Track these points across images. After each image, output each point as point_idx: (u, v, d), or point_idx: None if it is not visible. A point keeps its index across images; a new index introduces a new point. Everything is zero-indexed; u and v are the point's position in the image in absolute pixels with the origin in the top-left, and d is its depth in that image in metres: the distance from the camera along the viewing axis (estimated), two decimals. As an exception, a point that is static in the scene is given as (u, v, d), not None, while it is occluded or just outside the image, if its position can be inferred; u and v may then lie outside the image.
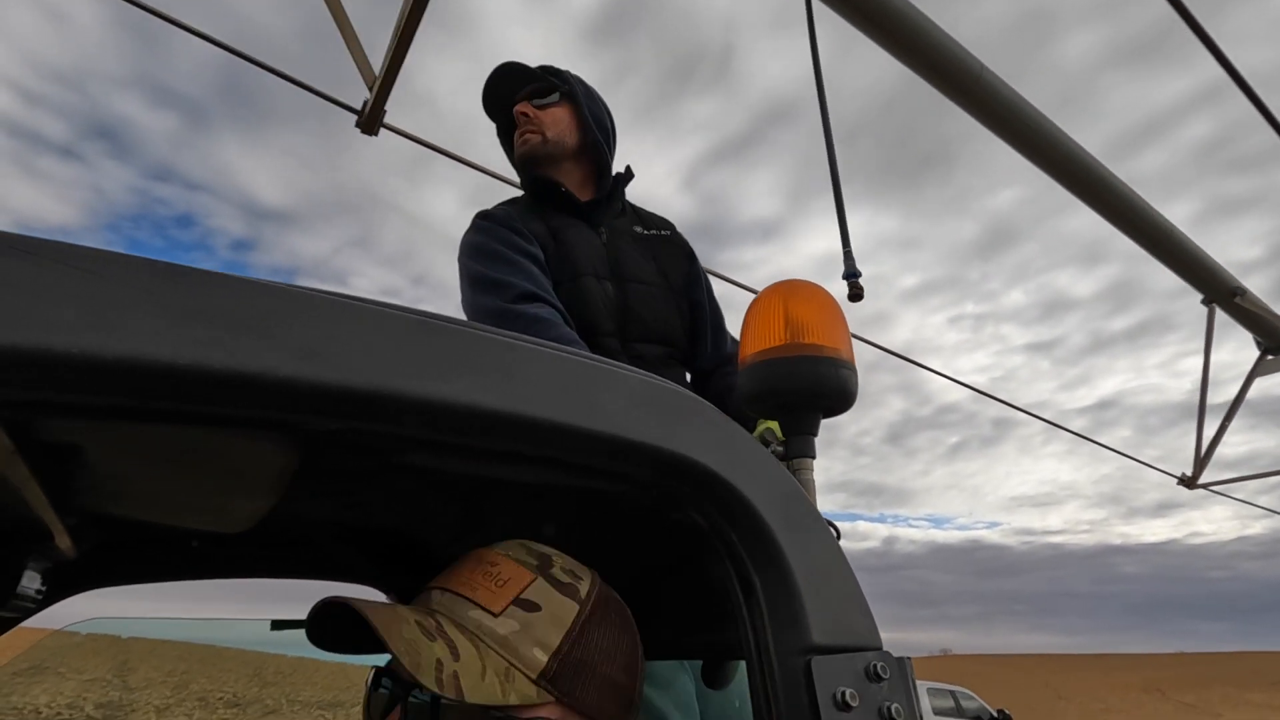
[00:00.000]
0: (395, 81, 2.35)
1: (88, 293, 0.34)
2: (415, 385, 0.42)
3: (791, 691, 0.51)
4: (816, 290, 0.75)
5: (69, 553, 0.75)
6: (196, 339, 0.35)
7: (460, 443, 0.46)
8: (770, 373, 0.73)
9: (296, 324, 0.39)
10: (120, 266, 0.35)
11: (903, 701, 0.54)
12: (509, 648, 0.52)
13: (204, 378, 0.36)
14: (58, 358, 0.32)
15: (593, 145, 1.51)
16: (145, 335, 0.34)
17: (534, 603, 0.55)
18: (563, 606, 0.56)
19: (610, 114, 1.60)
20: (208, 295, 0.37)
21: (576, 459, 0.51)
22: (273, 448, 0.60)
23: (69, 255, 0.34)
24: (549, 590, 0.56)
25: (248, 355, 0.37)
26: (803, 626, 0.53)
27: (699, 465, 0.54)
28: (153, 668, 10.15)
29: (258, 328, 0.37)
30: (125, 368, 0.34)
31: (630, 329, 1.42)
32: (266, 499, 0.71)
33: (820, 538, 0.58)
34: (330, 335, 0.40)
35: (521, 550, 0.60)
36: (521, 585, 0.56)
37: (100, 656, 9.80)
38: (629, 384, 0.53)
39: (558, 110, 1.50)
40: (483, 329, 0.48)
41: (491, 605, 0.54)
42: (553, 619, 0.55)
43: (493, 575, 0.57)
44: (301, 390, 0.38)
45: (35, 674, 8.80)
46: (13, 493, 0.59)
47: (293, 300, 0.40)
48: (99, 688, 9.34)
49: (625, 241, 1.52)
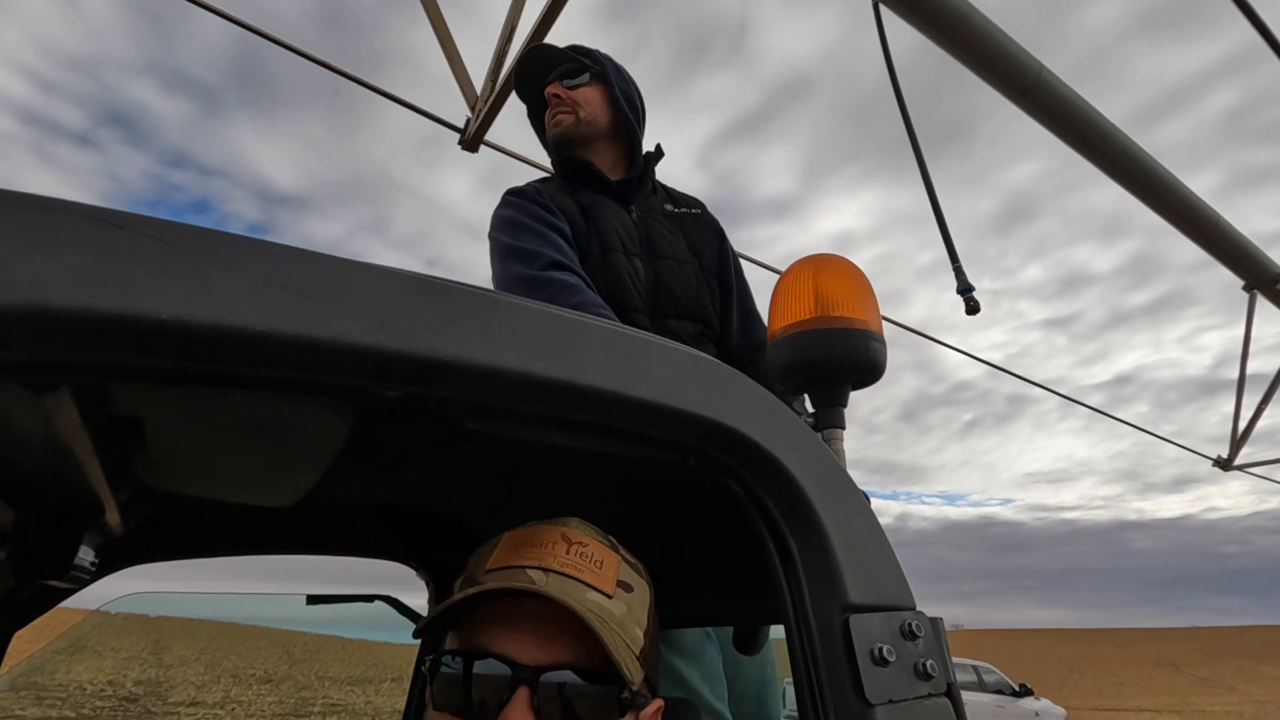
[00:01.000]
0: (493, 103, 2.55)
1: (175, 263, 0.36)
2: (477, 354, 0.44)
3: (830, 648, 0.53)
4: (845, 264, 0.76)
5: (118, 528, 0.78)
6: (277, 308, 0.37)
7: (518, 409, 0.48)
8: (801, 345, 0.74)
9: (368, 296, 0.41)
10: (204, 240, 0.37)
11: (937, 658, 0.56)
12: (624, 628, 0.54)
13: (283, 344, 0.38)
14: (153, 324, 0.34)
15: (624, 125, 1.51)
16: (230, 303, 0.36)
17: (629, 584, 0.57)
18: (642, 586, 0.59)
19: (640, 92, 1.59)
20: (286, 267, 0.39)
21: (625, 426, 0.53)
22: (326, 419, 0.62)
23: (157, 229, 0.36)
24: (630, 570, 0.59)
25: (324, 323, 0.39)
26: (840, 587, 0.55)
27: (740, 434, 0.56)
28: (185, 646, 10.36)
29: (333, 298, 0.39)
30: (211, 334, 0.36)
31: (662, 305, 1.43)
32: (315, 472, 0.73)
33: (854, 503, 0.60)
34: (398, 307, 0.42)
35: (589, 529, 0.61)
36: (615, 566, 0.57)
37: (134, 635, 10.03)
38: (673, 355, 0.55)
39: (589, 90, 1.51)
40: (539, 305, 0.49)
41: (604, 587, 0.55)
42: (642, 599, 0.58)
43: (588, 556, 0.57)
44: (372, 357, 0.40)
45: (75, 652, 9.01)
46: (74, 466, 0.61)
47: (363, 274, 0.42)
48: (137, 665, 9.54)
49: (656, 219, 1.52)
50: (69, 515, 0.74)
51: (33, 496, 0.73)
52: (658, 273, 1.44)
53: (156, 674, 9.48)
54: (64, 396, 0.48)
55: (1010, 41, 2.50)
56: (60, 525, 0.74)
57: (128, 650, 9.89)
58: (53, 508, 0.73)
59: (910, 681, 0.54)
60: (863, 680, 0.51)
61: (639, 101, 1.57)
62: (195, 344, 0.36)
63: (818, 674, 0.52)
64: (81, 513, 0.74)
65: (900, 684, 0.53)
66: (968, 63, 2.50)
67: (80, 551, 0.74)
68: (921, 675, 0.54)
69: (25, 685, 7.85)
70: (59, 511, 0.73)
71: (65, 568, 0.73)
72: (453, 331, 0.44)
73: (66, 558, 0.73)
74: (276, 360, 0.38)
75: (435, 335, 0.43)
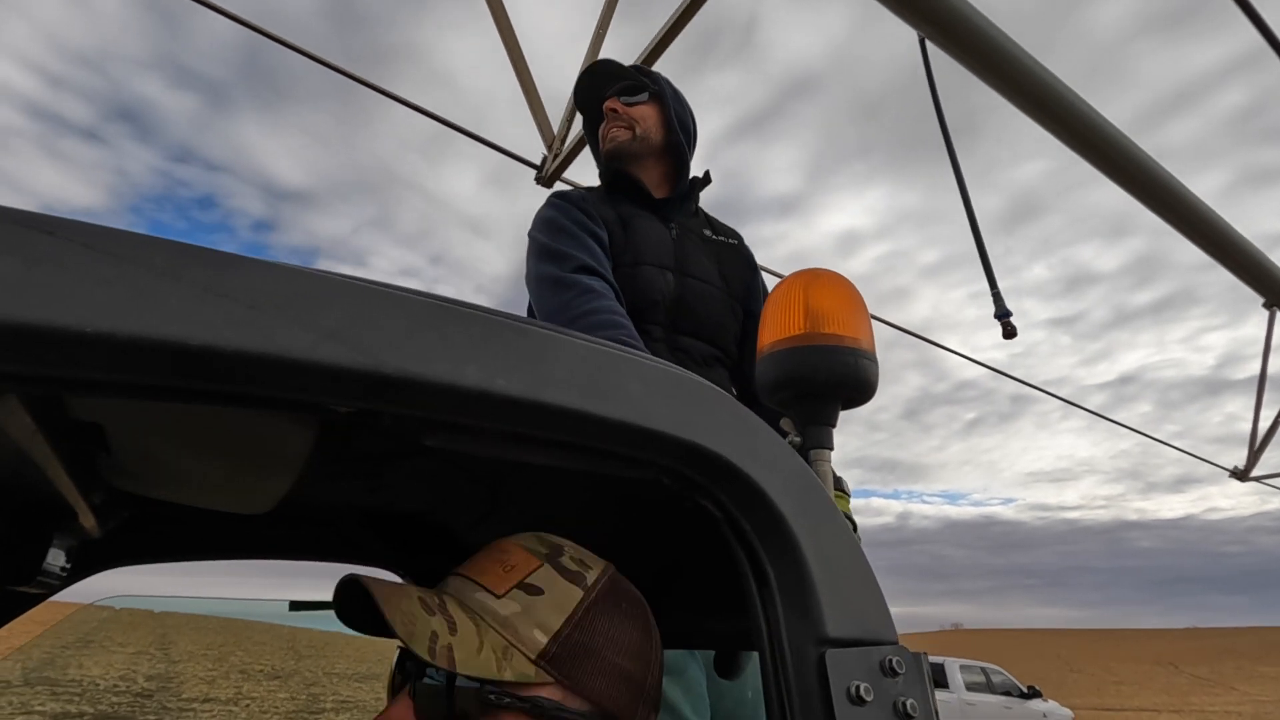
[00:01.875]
0: (572, 143, 2.76)
1: (114, 274, 0.34)
2: (433, 369, 0.42)
3: (805, 684, 0.51)
4: (837, 279, 0.74)
5: (93, 531, 0.77)
6: (222, 319, 0.36)
7: (477, 425, 0.46)
8: (789, 362, 0.72)
9: (320, 306, 0.39)
10: (139, 247, 0.35)
11: (918, 697, 0.54)
12: (509, 628, 0.53)
13: (230, 358, 0.36)
14: (87, 337, 0.33)
15: (675, 145, 1.56)
16: (165, 314, 0.34)
17: (538, 587, 0.56)
18: (566, 592, 0.57)
19: (694, 117, 1.64)
20: (233, 277, 0.37)
21: (592, 444, 0.51)
22: (292, 429, 0.60)
23: (94, 236, 0.34)
24: (554, 576, 0.57)
25: (272, 336, 0.37)
26: (817, 619, 0.52)
27: (714, 454, 0.53)
28: (191, 641, 10.44)
29: (282, 309, 0.38)
30: (153, 347, 0.34)
31: (681, 322, 1.45)
32: (286, 480, 0.72)
33: (836, 530, 0.57)
34: (352, 318, 0.40)
35: (535, 540, 0.62)
36: (527, 570, 0.57)
37: (140, 630, 10.11)
38: (647, 372, 0.53)
39: (645, 108, 1.55)
40: (500, 315, 0.47)
41: (496, 588, 0.56)
42: (555, 603, 0.56)
43: (502, 561, 0.59)
44: (323, 371, 0.39)
45: (82, 646, 9.07)
46: (36, 471, 0.60)
47: (316, 283, 0.40)
48: (145, 661, 9.61)
49: (692, 240, 1.55)
50: (37, 519, 0.73)
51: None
52: (683, 289, 1.47)
53: (166, 669, 9.55)
54: (12, 403, 0.46)
55: (1058, 81, 2.53)
56: (27, 529, 0.72)
57: (135, 645, 9.97)
58: (18, 512, 0.72)
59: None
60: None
61: (692, 126, 1.62)
62: (129, 357, 0.34)
63: (791, 711, 0.50)
64: (50, 516, 0.73)
65: (877, 724, 0.51)
66: (1015, 100, 2.53)
67: (49, 556, 0.73)
68: (901, 715, 0.52)
69: (39, 680, 7.92)
70: (25, 516, 0.72)
71: (32, 573, 0.71)
72: (408, 345, 0.42)
73: (34, 563, 0.72)
74: (217, 374, 0.37)
75: (389, 348, 0.41)
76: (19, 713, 6.84)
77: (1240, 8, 2.29)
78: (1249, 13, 2.33)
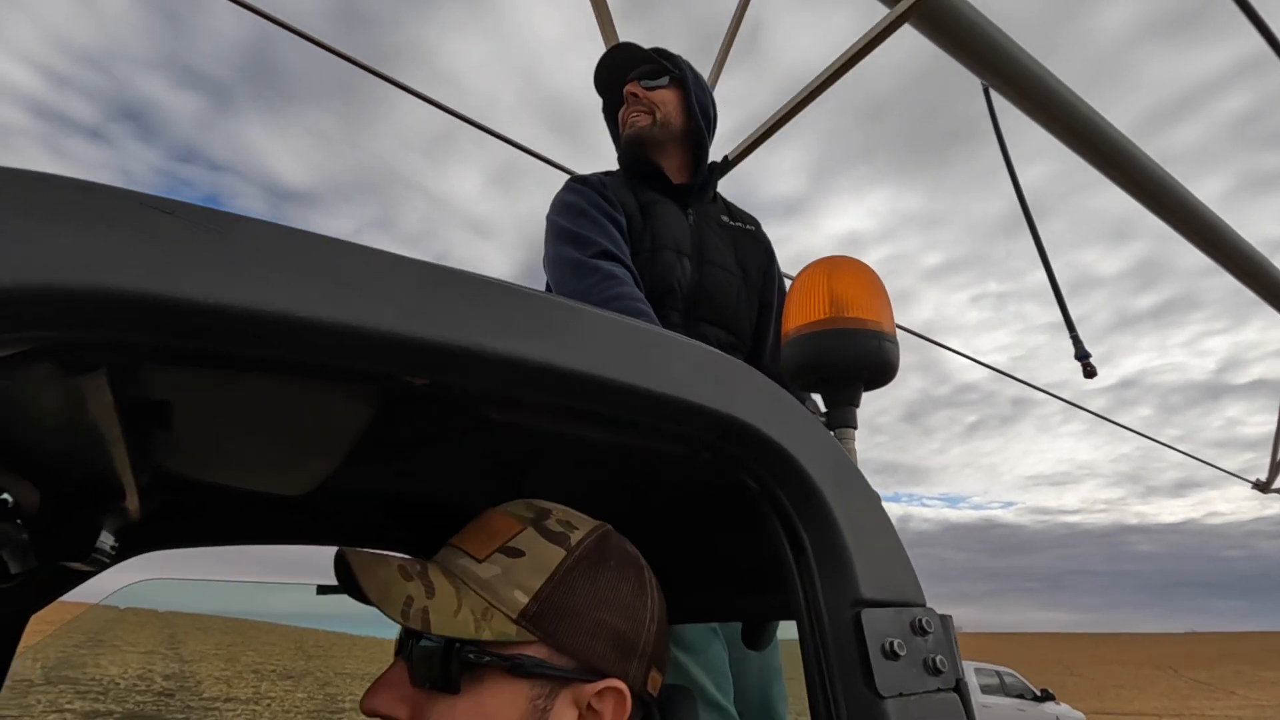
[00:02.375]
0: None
1: (220, 250, 0.37)
2: (501, 344, 0.45)
3: (842, 642, 0.54)
4: (859, 265, 0.77)
5: (136, 513, 0.80)
6: (316, 295, 0.39)
7: (536, 400, 0.49)
8: (814, 346, 0.75)
9: (399, 286, 0.42)
10: (246, 228, 0.38)
11: (946, 654, 0.57)
12: (489, 589, 0.55)
13: (320, 329, 0.39)
14: (194, 308, 0.36)
15: (694, 131, 1.54)
16: (271, 289, 0.37)
17: (519, 549, 0.58)
18: (547, 552, 0.58)
19: (714, 102, 1.62)
20: (320, 256, 0.40)
21: (643, 419, 0.54)
22: (348, 406, 0.63)
23: (203, 216, 0.37)
24: (536, 538, 0.59)
25: (359, 311, 0.40)
26: (852, 582, 0.56)
27: (752, 429, 0.57)
28: (200, 641, 10.36)
29: (367, 287, 0.41)
30: (253, 319, 0.37)
31: (699, 308, 1.46)
32: (330, 460, 0.75)
33: (867, 499, 0.61)
34: (428, 296, 0.43)
35: (521, 506, 0.63)
36: (510, 534, 0.59)
37: (147, 629, 10.04)
38: (689, 350, 0.56)
39: (666, 93, 1.53)
40: (558, 298, 0.51)
41: (477, 552, 0.58)
42: (535, 563, 0.57)
43: (485, 528, 0.61)
44: (402, 344, 0.42)
45: (94, 645, 8.96)
46: (99, 449, 0.63)
47: (396, 263, 0.43)
48: (160, 660, 9.53)
49: (711, 227, 1.55)
50: (91, 498, 0.75)
51: (57, 478, 0.74)
52: (702, 276, 1.47)
53: (180, 669, 9.47)
54: (100, 379, 0.49)
55: (1062, 85, 2.60)
56: (82, 508, 0.75)
57: (146, 644, 9.89)
58: (76, 490, 0.75)
59: (920, 676, 0.55)
60: (874, 673, 0.52)
61: (713, 111, 1.60)
62: (232, 329, 0.37)
63: (829, 666, 0.53)
64: (103, 496, 0.75)
65: (910, 678, 0.54)
66: (1063, 138, 2.67)
67: (100, 535, 0.76)
68: (931, 670, 0.55)
69: (59, 679, 7.86)
70: (82, 494, 0.75)
71: (86, 550, 0.74)
72: (478, 321, 0.45)
73: (88, 540, 0.74)
74: (310, 346, 0.40)
75: (460, 324, 0.44)
76: (50, 711, 6.82)
77: (1242, 9, 2.34)
78: (1251, 16, 2.37)
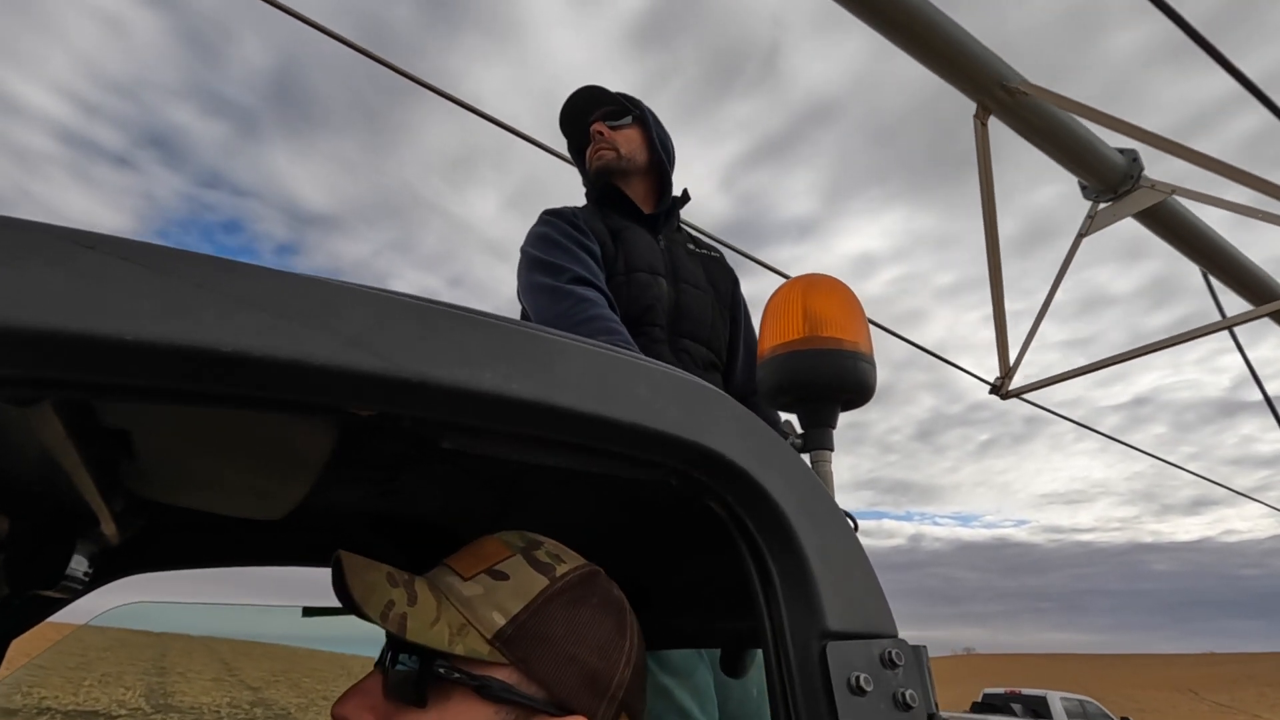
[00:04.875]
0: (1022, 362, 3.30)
1: (151, 285, 0.36)
2: (450, 373, 0.44)
3: (807, 676, 0.52)
4: (835, 284, 0.76)
5: (114, 537, 0.79)
6: (247, 326, 0.38)
7: (492, 428, 0.48)
8: (789, 365, 0.74)
9: (340, 315, 0.42)
10: (173, 260, 0.38)
11: (918, 688, 0.55)
12: (470, 607, 0.55)
13: (259, 364, 0.38)
14: (127, 344, 0.35)
15: (658, 164, 1.67)
16: (199, 323, 0.37)
17: (504, 573, 0.58)
18: (531, 580, 0.58)
19: (671, 142, 1.75)
20: (262, 287, 0.39)
21: (602, 446, 0.53)
22: (311, 434, 0.63)
23: (127, 249, 0.36)
24: (522, 565, 0.59)
25: (295, 342, 0.39)
26: (818, 613, 0.54)
27: (718, 455, 0.55)
28: (244, 667, 10.14)
29: (304, 317, 0.40)
30: (180, 353, 0.36)
31: (680, 325, 1.52)
32: (303, 485, 0.74)
33: (837, 528, 0.59)
34: (373, 325, 0.42)
35: (515, 536, 0.64)
36: (498, 559, 0.60)
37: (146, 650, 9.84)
38: (652, 375, 0.55)
39: (630, 131, 1.66)
40: (515, 323, 0.50)
41: (464, 571, 0.58)
42: (517, 589, 0.57)
43: (477, 551, 0.61)
44: (347, 376, 0.41)
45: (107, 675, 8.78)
46: (63, 477, 0.62)
47: (338, 293, 0.42)
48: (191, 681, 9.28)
49: (680, 251, 1.65)
50: (62, 525, 0.75)
51: (26, 505, 0.74)
52: (679, 294, 1.55)
53: (238, 696, 9.20)
54: (46, 411, 0.48)
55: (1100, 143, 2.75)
56: (53, 535, 0.74)
57: (201, 671, 9.64)
58: (46, 517, 0.74)
59: (888, 711, 0.53)
60: (838, 710, 0.51)
61: (671, 148, 1.73)
62: (164, 364, 0.37)
63: (794, 702, 0.52)
64: (74, 523, 0.75)
65: (878, 714, 0.52)
66: (1063, 161, 2.78)
67: (73, 561, 0.75)
68: (900, 705, 0.53)
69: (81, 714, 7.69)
70: (52, 521, 0.74)
71: (56, 578, 0.73)
72: (427, 350, 0.44)
73: (58, 567, 0.74)
74: (246, 379, 0.39)
75: (409, 354, 0.43)
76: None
77: (1210, 55, 2.33)
78: (1219, 59, 2.37)
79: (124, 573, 1.03)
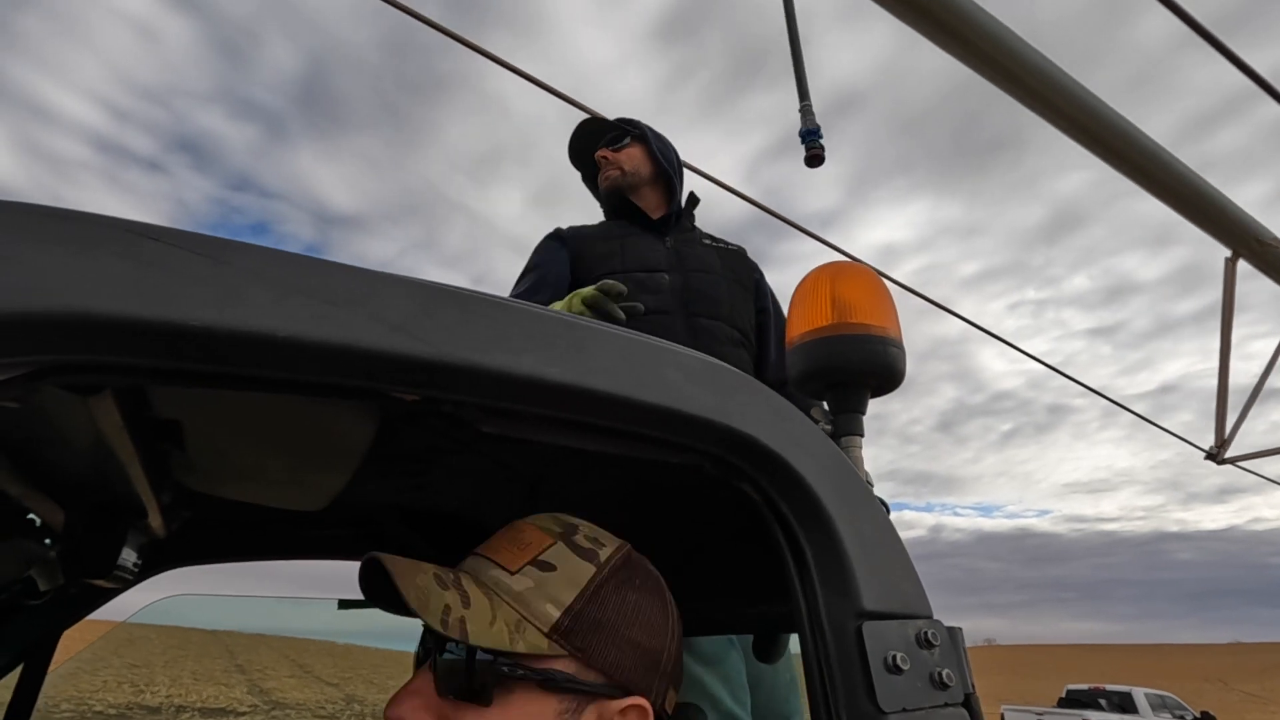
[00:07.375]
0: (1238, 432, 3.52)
1: (204, 272, 0.38)
2: (491, 358, 0.46)
3: (844, 655, 0.53)
4: (863, 270, 0.76)
5: (160, 530, 0.81)
6: (299, 313, 0.40)
7: (530, 412, 0.50)
8: (819, 352, 0.74)
9: (385, 302, 0.43)
10: (230, 250, 0.39)
11: (954, 667, 0.55)
12: (522, 602, 0.55)
13: (311, 349, 0.40)
14: (187, 329, 0.37)
15: (663, 173, 1.80)
16: (255, 309, 0.38)
17: (550, 563, 0.58)
18: (579, 568, 0.58)
19: (676, 151, 1.89)
20: (312, 275, 0.41)
21: (639, 430, 0.54)
22: (352, 423, 0.64)
23: (187, 240, 0.38)
24: (567, 553, 0.59)
25: (343, 328, 0.41)
26: (854, 593, 0.55)
27: (753, 440, 0.56)
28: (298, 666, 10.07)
29: (352, 304, 0.41)
30: (237, 339, 0.38)
31: (694, 305, 1.61)
32: (343, 475, 0.76)
33: (870, 510, 0.60)
34: (417, 313, 0.44)
35: (549, 520, 0.64)
36: (541, 548, 0.59)
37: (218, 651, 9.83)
38: (687, 362, 0.56)
39: (631, 149, 1.80)
40: (550, 311, 0.51)
41: (509, 564, 0.58)
42: (567, 578, 0.57)
43: (516, 540, 0.60)
44: (392, 360, 0.42)
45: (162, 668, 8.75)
46: (118, 468, 0.64)
47: (383, 282, 0.44)
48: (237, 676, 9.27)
49: (692, 246, 1.75)
50: (113, 515, 0.77)
51: (80, 496, 0.76)
52: (688, 279, 1.64)
53: (328, 694, 9.11)
54: (107, 399, 0.50)
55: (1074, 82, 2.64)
56: (105, 526, 0.77)
57: (275, 668, 9.65)
58: (98, 509, 0.76)
59: (925, 690, 0.53)
60: (875, 688, 0.51)
61: (675, 158, 1.86)
62: (222, 348, 0.38)
63: (831, 680, 0.52)
64: (124, 513, 0.77)
65: (915, 692, 0.53)
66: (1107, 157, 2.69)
67: (123, 553, 0.77)
68: (937, 684, 0.54)
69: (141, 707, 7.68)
70: (104, 512, 0.77)
71: (109, 567, 0.76)
72: (467, 336, 0.45)
73: (110, 558, 0.76)
74: (298, 363, 0.40)
75: (450, 340, 0.45)
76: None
77: (1221, 53, 2.28)
78: (1230, 57, 2.32)
79: (168, 565, 1.06)
